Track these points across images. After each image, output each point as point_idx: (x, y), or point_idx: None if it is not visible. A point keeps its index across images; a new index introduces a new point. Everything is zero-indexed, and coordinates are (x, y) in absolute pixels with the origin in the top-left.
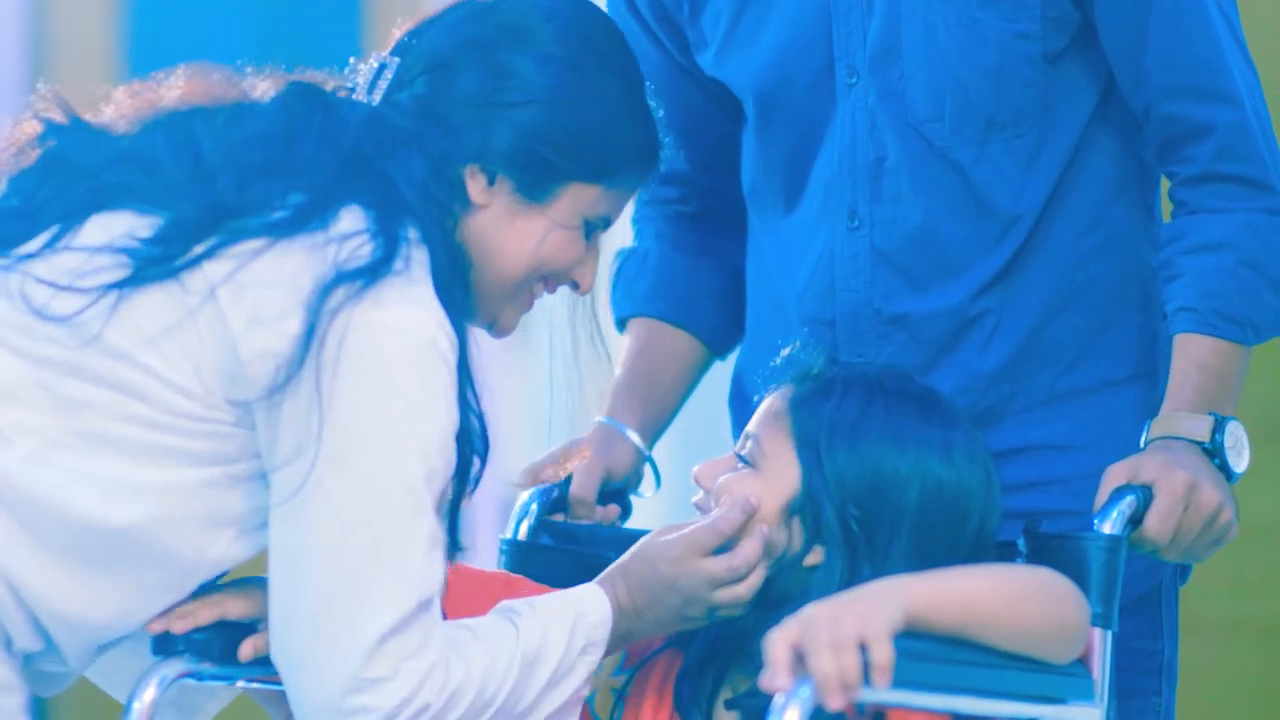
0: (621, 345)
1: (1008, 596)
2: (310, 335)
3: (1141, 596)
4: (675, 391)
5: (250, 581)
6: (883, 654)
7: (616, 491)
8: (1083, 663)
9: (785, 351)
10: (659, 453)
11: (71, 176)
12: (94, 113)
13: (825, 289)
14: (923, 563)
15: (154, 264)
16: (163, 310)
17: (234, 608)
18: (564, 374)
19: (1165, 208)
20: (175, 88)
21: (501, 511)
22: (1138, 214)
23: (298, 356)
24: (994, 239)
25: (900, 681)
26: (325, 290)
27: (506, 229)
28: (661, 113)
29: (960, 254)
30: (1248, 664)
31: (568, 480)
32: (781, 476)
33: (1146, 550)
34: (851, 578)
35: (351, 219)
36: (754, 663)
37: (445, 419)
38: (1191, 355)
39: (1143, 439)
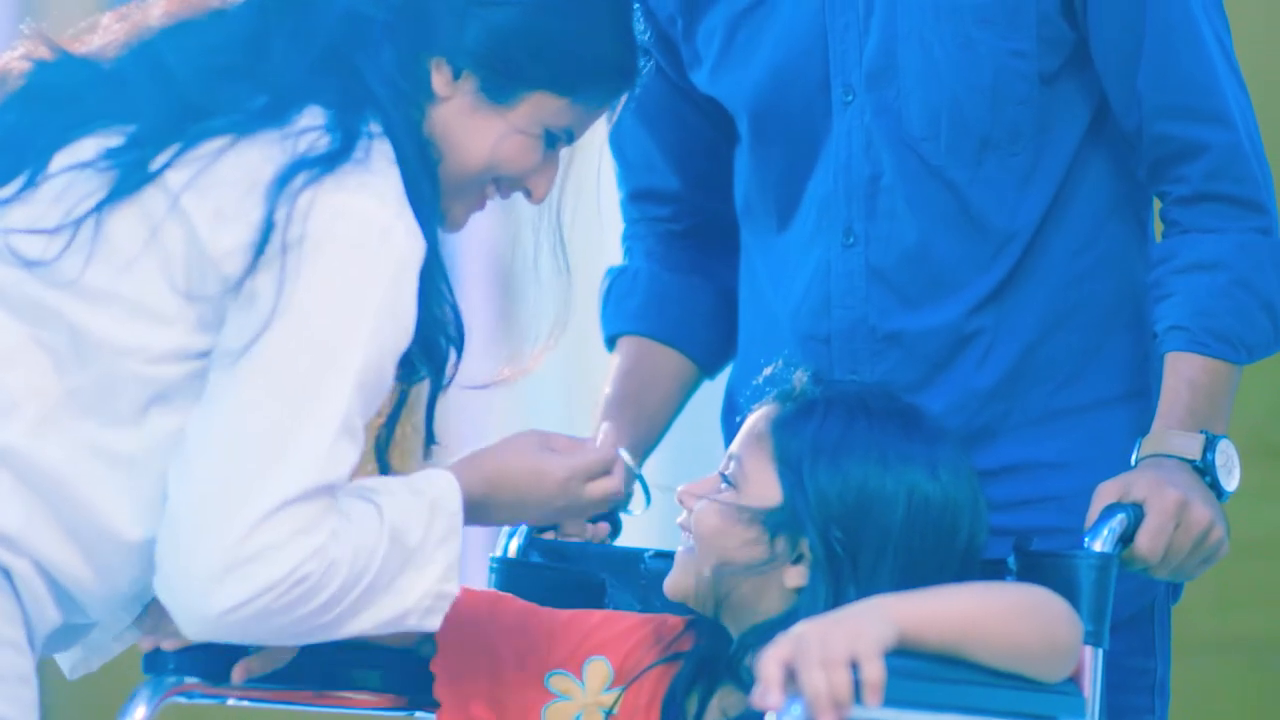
0: (611, 364)
1: (1000, 615)
2: (270, 220)
3: (1134, 615)
4: (665, 410)
5: None
6: (874, 671)
7: (605, 513)
8: (1074, 681)
9: (768, 370)
10: (649, 470)
11: (51, 106)
12: (81, 42)
13: (820, 306)
14: (911, 581)
15: (130, 171)
16: (136, 227)
17: None
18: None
19: (1158, 228)
20: (159, 5)
21: (491, 529)
22: (1131, 233)
23: (260, 242)
24: (989, 257)
25: (892, 699)
26: (284, 178)
27: (465, 124)
28: (647, 35)
29: (955, 272)
30: (1237, 682)
31: None
32: (763, 497)
33: (1138, 568)
34: (837, 600)
35: (311, 116)
36: (742, 682)
37: (389, 309)
38: (1183, 373)
39: (1134, 457)
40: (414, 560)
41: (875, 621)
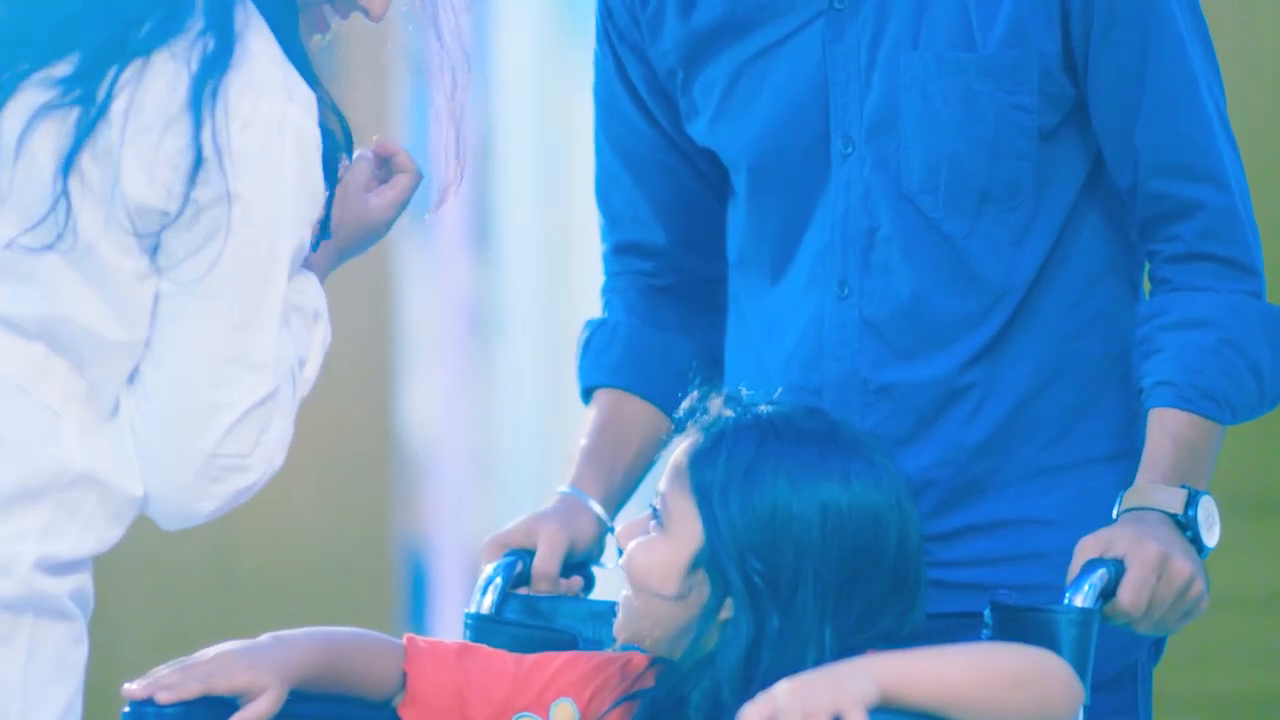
0: (586, 416)
1: (992, 682)
2: (197, 150)
3: (1118, 674)
4: (639, 464)
5: (236, 652)
6: None
7: (579, 563)
8: None
9: (685, 404)
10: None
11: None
12: None
13: (812, 357)
14: (841, 599)
15: (86, 106)
16: (99, 173)
17: (220, 684)
18: None
19: (1148, 290)
20: None
21: (467, 583)
22: (1124, 292)
23: (192, 171)
24: (983, 311)
25: None
26: (192, 104)
27: None
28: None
29: (949, 325)
30: None
31: (531, 553)
32: (686, 535)
33: (1120, 623)
34: (760, 630)
35: (195, 19)
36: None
37: (308, 192)
38: (1168, 429)
39: (1115, 510)
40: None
41: (856, 676)
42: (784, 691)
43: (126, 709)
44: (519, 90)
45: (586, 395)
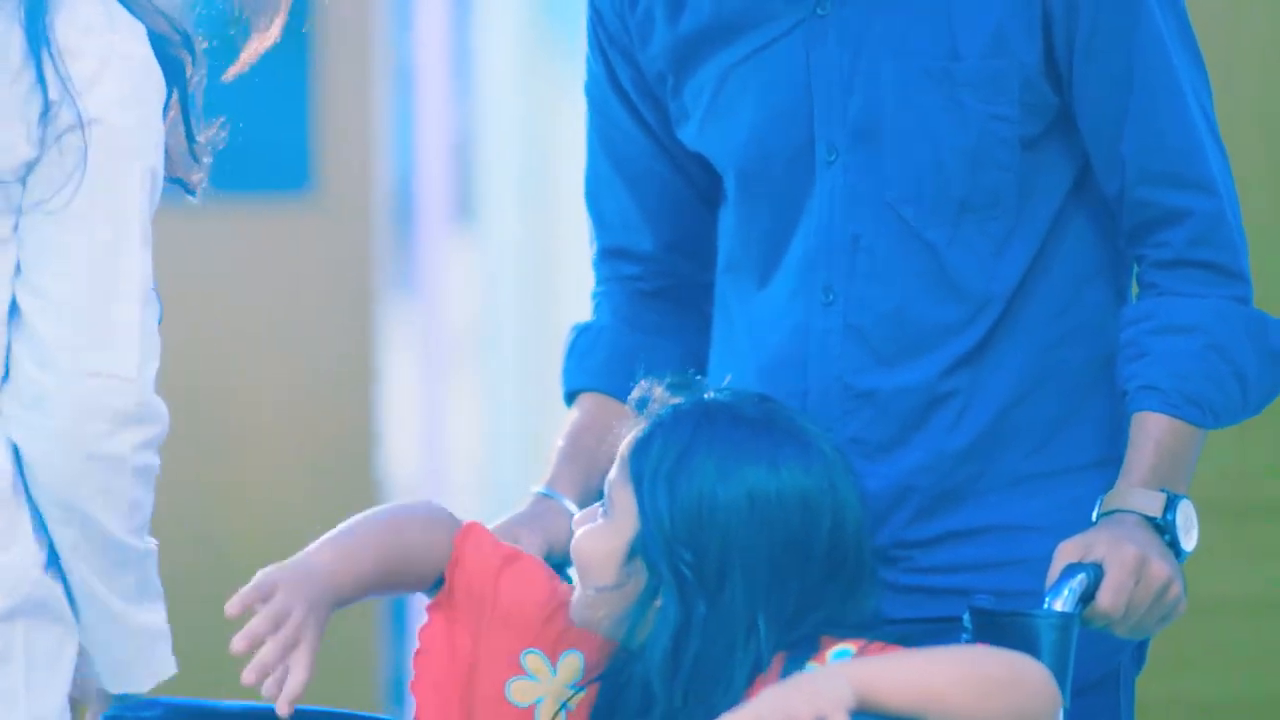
0: (567, 418)
1: (970, 687)
2: (42, 79)
3: (1101, 679)
4: None
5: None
6: None
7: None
8: None
9: (635, 392)
10: None
11: None
12: None
13: (796, 363)
14: (773, 587)
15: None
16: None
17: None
18: None
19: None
20: None
21: None
22: (1109, 299)
23: (42, 105)
24: (966, 319)
25: None
26: (30, 41)
27: None
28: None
29: (932, 332)
30: None
31: None
32: (625, 523)
33: (1098, 626)
34: (688, 618)
35: None
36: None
37: (152, 104)
38: (1151, 433)
39: (1095, 513)
40: None
41: (834, 682)
42: (765, 699)
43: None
44: (502, 95)
45: (569, 398)
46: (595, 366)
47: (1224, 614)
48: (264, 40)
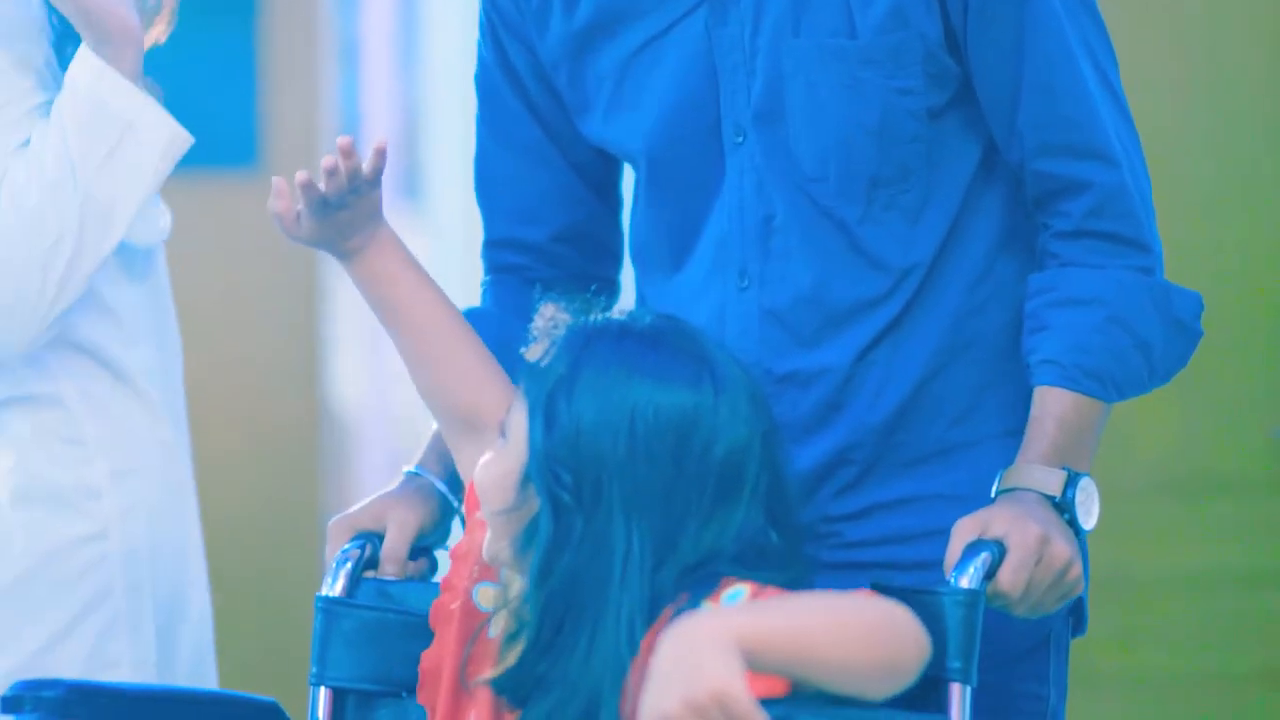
0: None
1: (849, 640)
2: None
3: (1034, 645)
4: None
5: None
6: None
7: (423, 547)
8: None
9: (539, 320)
10: None
11: None
12: None
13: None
14: (651, 504)
15: None
16: None
17: None
18: None
19: None
20: None
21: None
22: (1024, 267)
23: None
24: (883, 294)
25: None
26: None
27: None
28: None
29: (849, 310)
30: (1137, 718)
31: (380, 535)
32: (518, 447)
33: (997, 605)
34: (565, 536)
35: None
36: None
37: None
38: (1051, 408)
39: (994, 488)
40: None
41: (717, 654)
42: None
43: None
44: (449, 71)
45: None
46: None
47: (1175, 589)
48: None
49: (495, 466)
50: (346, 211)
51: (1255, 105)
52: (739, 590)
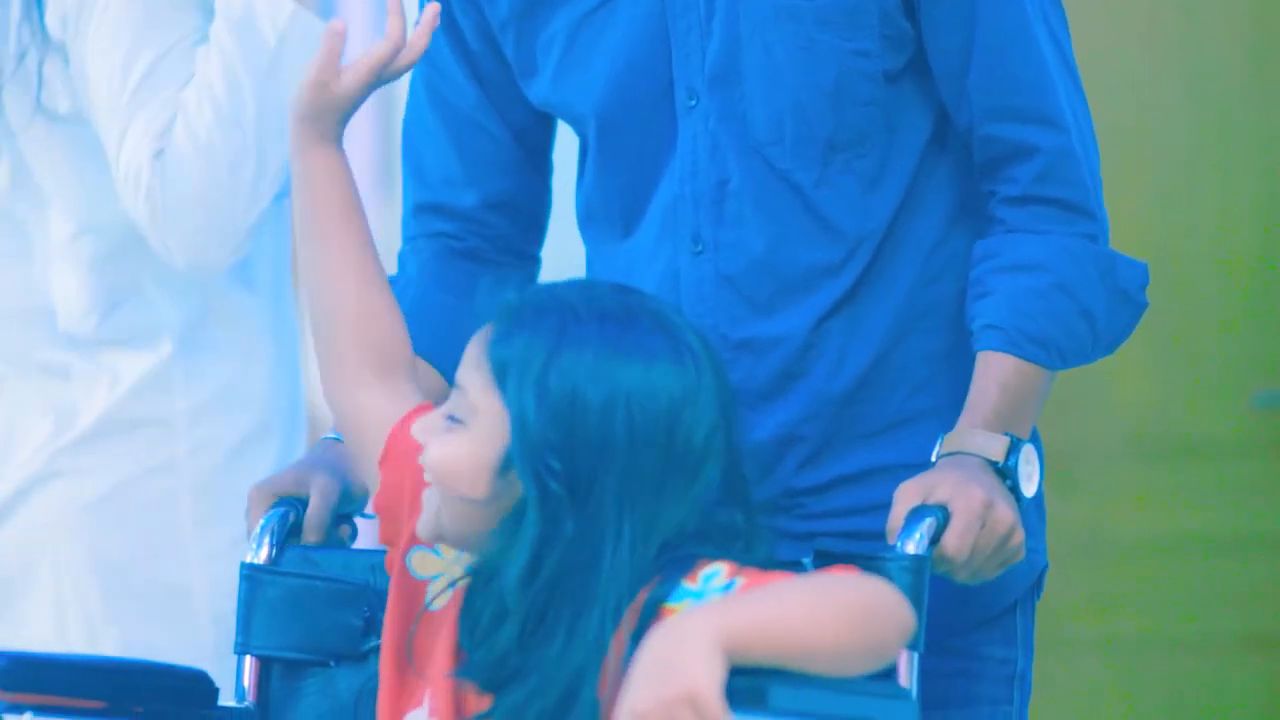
0: None
1: (835, 628)
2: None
3: (1000, 612)
4: None
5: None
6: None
7: (345, 512)
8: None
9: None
10: None
11: None
12: None
13: None
14: (642, 489)
15: None
16: None
17: None
18: None
19: None
20: None
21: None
22: (979, 233)
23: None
24: (839, 261)
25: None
26: None
27: None
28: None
29: (806, 277)
30: (1113, 682)
31: (302, 501)
32: (493, 430)
33: (940, 571)
34: (554, 528)
35: None
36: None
37: None
38: (993, 374)
39: (935, 452)
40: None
41: (699, 653)
42: (632, 695)
43: None
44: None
45: None
46: None
47: (1147, 553)
48: None
49: (465, 449)
50: (359, 99)
51: (1232, 62)
52: (716, 569)
